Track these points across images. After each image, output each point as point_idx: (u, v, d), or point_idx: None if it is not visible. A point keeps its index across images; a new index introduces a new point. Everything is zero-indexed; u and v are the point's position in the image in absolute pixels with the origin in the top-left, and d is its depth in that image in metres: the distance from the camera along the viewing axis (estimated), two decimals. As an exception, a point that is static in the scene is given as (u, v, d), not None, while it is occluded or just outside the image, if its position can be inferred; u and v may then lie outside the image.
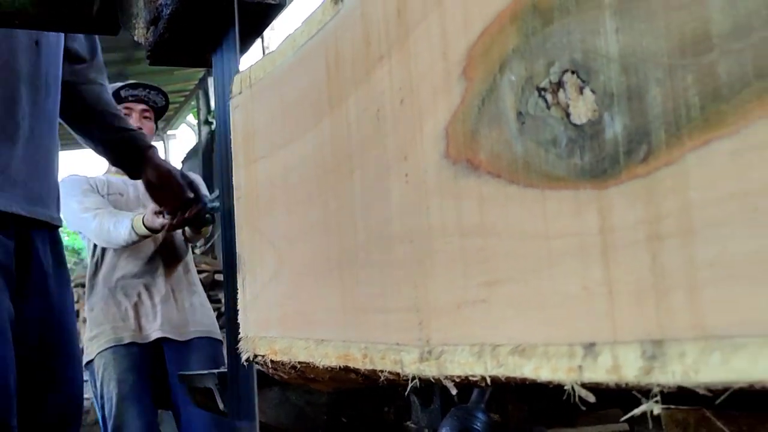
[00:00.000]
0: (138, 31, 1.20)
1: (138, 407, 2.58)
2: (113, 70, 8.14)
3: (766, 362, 0.32)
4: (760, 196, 0.32)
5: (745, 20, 0.33)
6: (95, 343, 2.67)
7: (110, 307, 2.65)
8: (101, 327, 2.66)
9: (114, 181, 2.74)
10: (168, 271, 2.70)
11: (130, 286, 2.64)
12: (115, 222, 2.50)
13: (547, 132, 0.44)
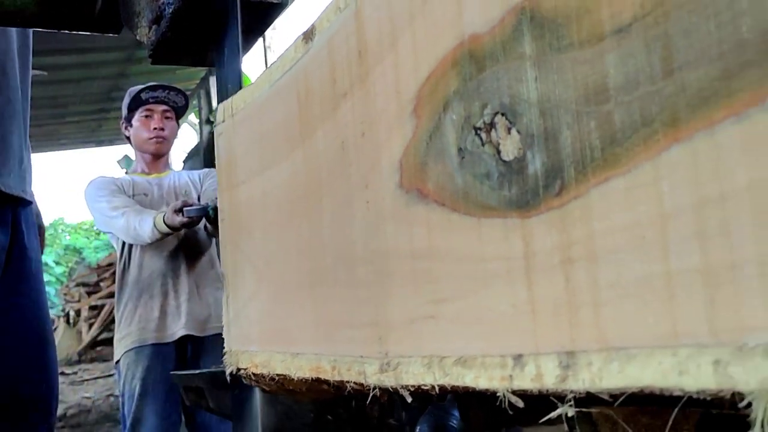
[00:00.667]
0: (140, 30, 1.21)
1: (157, 405, 2.62)
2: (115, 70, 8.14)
3: (653, 370, 0.37)
4: (647, 228, 0.37)
5: (634, 76, 0.38)
6: (122, 344, 2.72)
7: (138, 308, 2.70)
8: (129, 329, 2.71)
9: (139, 181, 2.79)
10: (191, 266, 2.73)
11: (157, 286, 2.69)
12: (140, 220, 2.56)
13: (482, 166, 0.49)
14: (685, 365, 0.35)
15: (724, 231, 0.34)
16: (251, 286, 0.88)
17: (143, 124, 2.73)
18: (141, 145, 2.76)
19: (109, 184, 2.71)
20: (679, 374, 0.36)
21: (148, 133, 2.72)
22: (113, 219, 2.61)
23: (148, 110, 2.73)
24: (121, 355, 2.74)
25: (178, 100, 2.83)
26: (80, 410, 6.51)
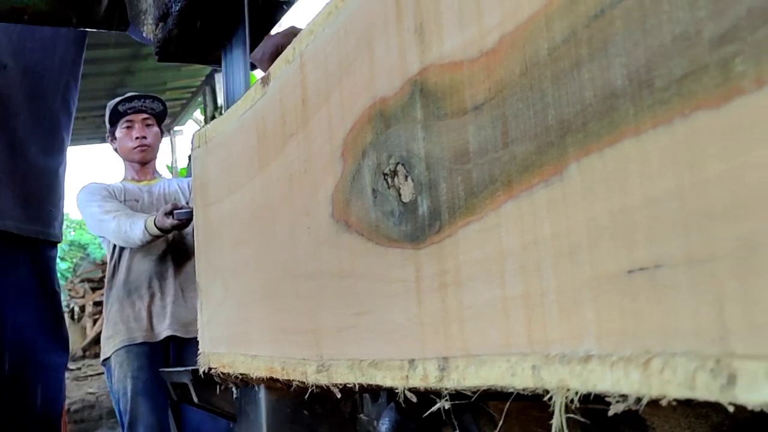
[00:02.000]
0: (146, 28, 1.19)
1: (151, 402, 2.72)
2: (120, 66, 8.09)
3: (496, 372, 0.48)
4: (491, 263, 0.48)
5: (484, 144, 0.49)
6: (111, 343, 2.82)
7: (125, 308, 2.79)
8: (116, 327, 2.80)
9: (130, 188, 2.89)
10: (178, 270, 2.83)
11: (144, 287, 2.79)
12: (131, 223, 2.65)
13: (388, 206, 0.60)
14: (514, 369, 0.46)
15: (536, 268, 0.44)
16: (220, 294, 0.99)
17: (126, 135, 2.82)
18: (127, 155, 2.86)
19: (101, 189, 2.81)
20: (512, 376, 0.46)
21: (131, 143, 2.81)
22: (105, 222, 2.70)
23: (128, 121, 2.83)
24: (110, 354, 2.83)
25: (155, 107, 2.92)
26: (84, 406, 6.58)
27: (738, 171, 0.33)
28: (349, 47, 0.65)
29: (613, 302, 0.39)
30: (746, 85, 0.32)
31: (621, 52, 0.39)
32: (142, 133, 2.83)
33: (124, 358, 2.78)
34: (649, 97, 0.37)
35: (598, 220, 0.40)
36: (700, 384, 0.34)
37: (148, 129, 2.88)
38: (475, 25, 0.49)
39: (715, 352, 0.34)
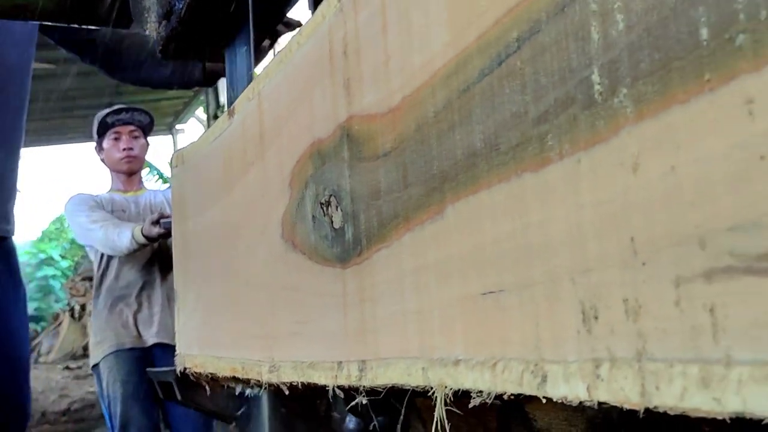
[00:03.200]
0: (150, 26, 1.19)
1: (142, 405, 2.81)
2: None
3: (398, 373, 0.58)
4: (395, 282, 0.59)
5: (390, 185, 0.59)
6: (99, 348, 2.91)
7: (113, 315, 2.89)
8: (105, 333, 2.89)
9: (117, 199, 2.99)
10: (165, 278, 2.92)
11: (131, 296, 2.88)
12: (118, 232, 2.74)
13: (323, 230, 0.70)
14: (410, 370, 0.57)
15: (425, 288, 0.55)
16: (194, 302, 1.10)
17: (113, 146, 2.91)
18: (114, 166, 2.95)
19: (89, 200, 2.91)
20: (408, 375, 0.57)
21: (119, 154, 2.90)
22: (92, 231, 2.79)
23: (116, 133, 2.92)
24: (100, 360, 2.92)
25: (142, 119, 3.01)
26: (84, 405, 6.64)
27: (549, 220, 0.43)
28: (296, 93, 0.76)
29: (473, 318, 0.50)
30: (553, 156, 0.43)
31: (480, 121, 0.49)
32: (129, 144, 2.92)
33: (114, 363, 2.86)
34: (496, 158, 0.47)
35: (464, 252, 0.51)
36: (526, 382, 0.45)
37: (135, 141, 2.97)
38: (385, 86, 0.60)
39: (534, 358, 0.44)
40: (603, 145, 0.39)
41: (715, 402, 0.34)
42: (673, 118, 0.35)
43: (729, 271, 0.33)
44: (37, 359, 8.46)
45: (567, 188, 0.42)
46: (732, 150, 0.33)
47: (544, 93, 0.43)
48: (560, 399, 0.43)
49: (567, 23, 0.42)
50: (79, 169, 38.52)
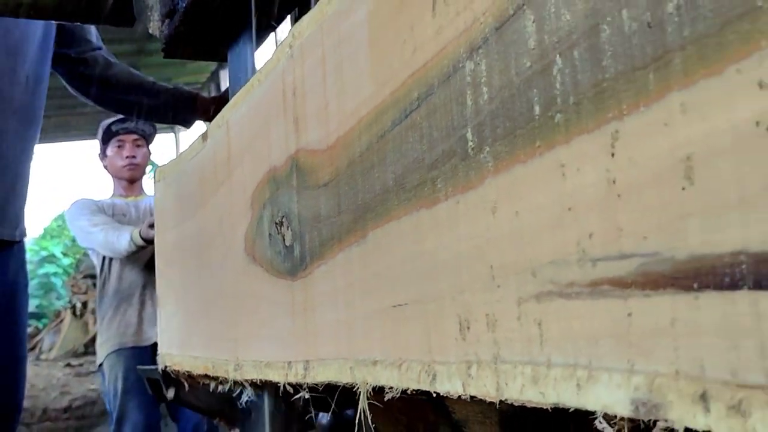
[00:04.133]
0: (152, 24, 1.18)
1: (139, 401, 2.90)
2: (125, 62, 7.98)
3: (333, 371, 0.68)
4: (332, 295, 0.68)
5: (329, 211, 0.69)
6: (103, 348, 3.01)
7: (117, 315, 2.99)
8: (109, 333, 2.99)
9: (118, 203, 3.08)
10: None
11: (135, 296, 2.98)
12: (117, 235, 2.84)
13: (278, 247, 0.80)
14: (341, 369, 0.66)
15: (353, 301, 0.65)
16: (173, 306, 1.19)
17: (117, 154, 3.01)
18: (116, 172, 3.05)
19: (90, 204, 3.01)
20: (340, 374, 0.67)
21: (121, 161, 3.00)
22: (93, 234, 2.89)
23: (119, 141, 3.02)
24: (103, 358, 3.03)
25: (146, 129, 3.11)
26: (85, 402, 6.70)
27: (438, 249, 0.53)
28: (256, 124, 0.86)
29: (386, 326, 0.59)
30: (441, 197, 0.52)
31: (392, 163, 0.59)
32: (132, 152, 3.02)
33: (115, 360, 2.97)
34: (403, 195, 0.57)
35: (380, 271, 0.60)
36: (422, 380, 0.54)
37: (138, 149, 3.07)
38: (324, 127, 0.69)
39: (427, 360, 0.54)
40: (473, 191, 0.49)
41: (541, 395, 0.43)
42: (518, 174, 0.45)
43: (549, 295, 0.43)
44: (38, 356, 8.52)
45: (450, 224, 0.52)
46: (552, 202, 0.42)
47: (436, 144, 0.53)
48: (445, 393, 0.52)
49: (451, 90, 0.51)
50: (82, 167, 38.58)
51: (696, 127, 0.34)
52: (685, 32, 0.34)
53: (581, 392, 0.40)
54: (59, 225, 13.96)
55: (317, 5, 0.72)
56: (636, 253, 0.37)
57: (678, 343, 0.35)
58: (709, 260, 0.33)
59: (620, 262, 0.38)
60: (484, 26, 0.48)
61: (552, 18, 0.42)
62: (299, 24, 0.75)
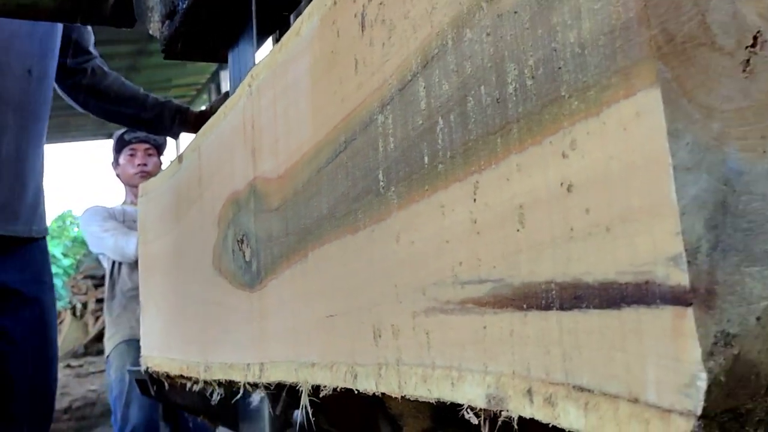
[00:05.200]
0: (153, 25, 1.18)
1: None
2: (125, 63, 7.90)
3: (283, 372, 0.77)
4: (281, 305, 0.78)
5: (279, 231, 0.78)
6: (112, 340, 3.10)
7: (127, 312, 3.08)
8: (118, 327, 3.09)
9: (129, 211, 3.17)
10: None
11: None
12: (127, 240, 2.94)
13: (239, 262, 0.89)
14: (288, 370, 0.76)
15: (298, 311, 0.74)
16: (154, 311, 1.29)
17: (129, 162, 3.11)
18: (128, 180, 3.15)
19: (102, 211, 3.12)
20: (287, 374, 0.76)
21: (133, 169, 3.10)
22: (104, 240, 3.00)
23: (132, 149, 3.12)
24: (112, 348, 3.12)
25: (158, 139, 3.21)
26: (86, 403, 6.74)
27: (358, 270, 0.62)
28: (223, 151, 0.95)
29: (322, 333, 0.69)
30: (361, 226, 0.62)
31: (326, 195, 0.68)
32: (144, 161, 3.12)
33: (124, 350, 3.06)
34: (334, 222, 0.67)
35: (318, 286, 0.70)
36: (347, 380, 0.64)
37: (150, 158, 3.17)
38: (276, 159, 0.79)
39: (351, 362, 0.63)
40: (384, 222, 0.59)
41: (428, 392, 0.53)
42: (413, 210, 0.55)
43: (433, 310, 0.52)
44: (38, 357, 8.52)
45: (367, 249, 0.61)
46: (436, 235, 0.52)
47: (357, 182, 0.63)
48: (363, 390, 0.62)
49: (368, 137, 0.61)
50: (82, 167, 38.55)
51: (525, 183, 0.43)
52: (519, 109, 0.44)
53: (454, 389, 0.50)
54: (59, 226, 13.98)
55: (270, 52, 0.81)
56: (489, 279, 0.47)
57: (514, 350, 0.44)
58: (533, 287, 0.43)
59: (479, 285, 0.47)
60: (391, 87, 0.57)
61: (436, 86, 0.52)
62: (257, 66, 0.85)
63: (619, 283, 0.37)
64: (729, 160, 0.35)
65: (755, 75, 0.36)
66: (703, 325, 0.33)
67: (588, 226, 0.39)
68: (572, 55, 0.40)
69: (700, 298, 0.33)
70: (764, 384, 0.35)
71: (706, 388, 0.33)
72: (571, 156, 0.40)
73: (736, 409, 0.34)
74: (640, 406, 0.36)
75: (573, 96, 0.40)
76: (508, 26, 0.45)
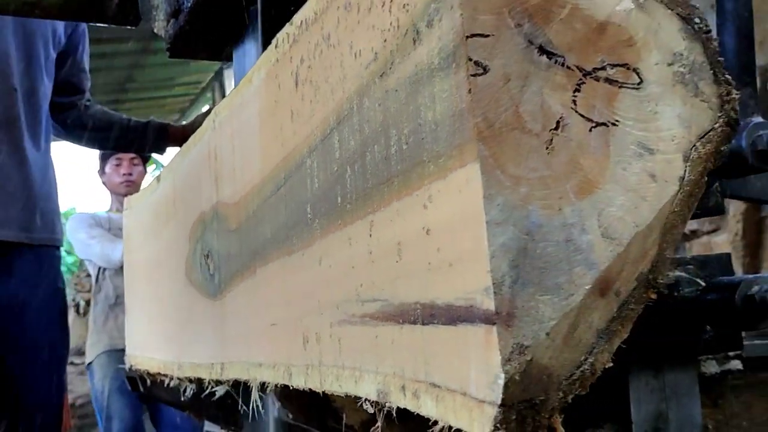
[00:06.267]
0: (158, 24, 1.17)
1: (126, 399, 3.10)
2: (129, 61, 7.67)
3: (237, 370, 0.89)
4: (236, 314, 0.89)
5: (235, 250, 0.90)
6: (94, 349, 3.20)
7: (109, 320, 3.19)
8: (100, 335, 3.19)
9: (114, 218, 3.28)
10: None
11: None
12: (113, 247, 3.05)
13: (205, 274, 1.01)
14: (242, 369, 0.87)
15: (246, 320, 0.86)
16: (138, 314, 1.40)
17: (114, 171, 3.22)
18: (114, 189, 3.26)
19: (88, 219, 3.23)
20: (241, 372, 0.87)
21: (119, 178, 3.21)
22: (90, 246, 3.11)
23: (117, 159, 3.23)
24: (94, 358, 3.23)
25: None
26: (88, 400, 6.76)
27: (293, 287, 0.74)
28: (193, 176, 1.06)
29: (267, 338, 0.80)
30: (295, 249, 0.73)
31: (269, 222, 0.80)
32: (129, 170, 3.23)
33: (105, 361, 3.16)
34: (275, 245, 0.78)
35: (264, 299, 0.81)
36: (284, 378, 0.75)
37: (135, 167, 3.28)
38: (233, 187, 0.90)
39: (288, 363, 0.75)
40: (310, 248, 0.70)
41: (340, 387, 0.64)
42: (330, 240, 0.66)
43: (344, 322, 0.64)
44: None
45: (300, 269, 0.73)
46: (346, 261, 0.63)
47: (292, 213, 0.74)
48: (297, 387, 0.73)
49: (301, 176, 0.72)
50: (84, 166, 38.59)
51: (402, 225, 0.55)
52: (399, 167, 0.55)
53: (357, 386, 0.62)
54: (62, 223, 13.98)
55: (229, 95, 0.93)
56: (379, 299, 0.58)
57: (394, 355, 0.56)
58: (406, 306, 0.54)
59: (373, 303, 0.59)
60: (316, 137, 0.69)
61: (346, 141, 0.63)
62: (219, 105, 0.96)
63: (456, 306, 0.48)
64: (531, 216, 0.47)
65: (556, 151, 0.48)
66: (504, 339, 0.44)
67: (439, 262, 0.50)
68: (431, 129, 0.51)
69: (503, 319, 0.45)
70: (555, 382, 0.47)
71: (504, 384, 0.44)
72: (430, 207, 0.51)
73: (532, 400, 0.46)
74: (467, 398, 0.47)
75: (430, 161, 0.51)
76: (391, 100, 0.56)
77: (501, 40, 0.48)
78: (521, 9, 0.48)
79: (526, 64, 0.48)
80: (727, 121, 0.52)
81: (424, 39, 0.51)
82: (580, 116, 0.49)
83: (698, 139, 0.51)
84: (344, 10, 0.63)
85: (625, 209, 0.49)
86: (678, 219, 0.51)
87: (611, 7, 0.50)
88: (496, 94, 0.47)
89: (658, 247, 0.50)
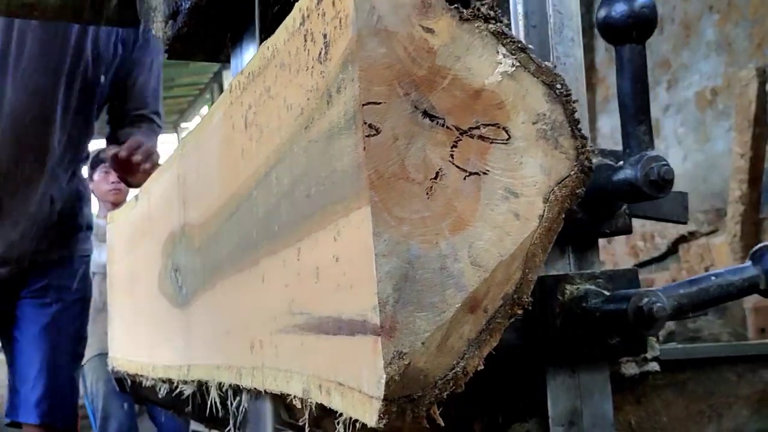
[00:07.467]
0: (156, 25, 1.17)
1: (121, 401, 3.18)
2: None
3: (203, 372, 1.00)
4: (201, 323, 1.00)
5: (199, 267, 1.01)
6: (87, 351, 3.28)
7: (98, 323, 3.26)
8: (90, 339, 3.27)
9: (101, 224, 3.35)
10: None
11: None
12: (99, 252, 3.13)
13: (175, 287, 1.12)
14: (204, 371, 0.98)
15: (211, 329, 0.97)
16: (119, 320, 1.51)
17: (103, 179, 3.29)
18: (102, 196, 3.33)
19: None
20: (204, 374, 0.98)
21: (107, 186, 3.28)
22: None
23: (106, 168, 3.31)
24: (86, 361, 3.31)
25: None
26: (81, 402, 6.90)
27: (243, 303, 0.85)
28: (165, 197, 1.17)
29: (224, 344, 0.91)
30: (244, 268, 0.84)
31: (225, 244, 0.90)
32: (118, 179, 3.31)
33: (98, 364, 3.22)
34: (231, 265, 0.89)
35: (221, 310, 0.92)
36: (236, 378, 0.86)
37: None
38: (198, 210, 1.01)
39: (239, 366, 0.86)
40: (255, 267, 0.81)
41: (277, 387, 0.75)
42: (271, 260, 0.77)
43: (280, 331, 0.75)
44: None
45: (248, 285, 0.84)
46: (279, 280, 0.74)
47: (243, 236, 0.85)
48: (246, 387, 0.84)
49: (249, 205, 0.83)
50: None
51: (319, 252, 0.66)
52: (317, 204, 0.66)
53: (288, 386, 0.73)
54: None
55: (197, 126, 1.04)
56: (305, 312, 0.69)
57: (315, 360, 0.67)
58: (323, 319, 0.65)
59: (300, 316, 0.70)
60: (260, 174, 0.80)
61: (281, 178, 0.74)
62: (186, 136, 1.07)
63: (355, 321, 0.60)
64: (412, 249, 0.58)
65: (435, 196, 0.59)
66: (386, 347, 0.56)
67: (345, 284, 0.61)
68: (339, 176, 0.62)
69: (386, 331, 0.56)
70: (431, 381, 0.58)
71: (386, 383, 0.55)
72: (338, 239, 0.63)
73: (411, 395, 0.57)
74: (361, 394, 0.58)
75: (338, 202, 0.62)
76: (313, 149, 0.67)
77: (391, 106, 0.59)
78: (409, 80, 0.59)
79: (412, 126, 0.59)
80: (582, 168, 0.63)
81: (335, 102, 0.62)
82: (457, 167, 0.60)
83: (557, 184, 0.62)
84: (280, 68, 0.74)
85: (492, 242, 0.60)
86: (538, 249, 0.62)
87: (485, 76, 0.61)
88: (386, 151, 0.58)
89: (521, 272, 0.61)
